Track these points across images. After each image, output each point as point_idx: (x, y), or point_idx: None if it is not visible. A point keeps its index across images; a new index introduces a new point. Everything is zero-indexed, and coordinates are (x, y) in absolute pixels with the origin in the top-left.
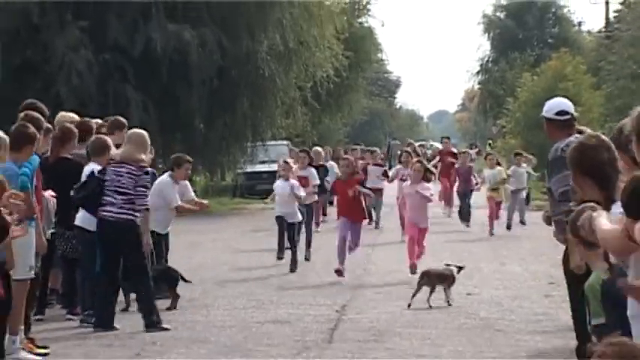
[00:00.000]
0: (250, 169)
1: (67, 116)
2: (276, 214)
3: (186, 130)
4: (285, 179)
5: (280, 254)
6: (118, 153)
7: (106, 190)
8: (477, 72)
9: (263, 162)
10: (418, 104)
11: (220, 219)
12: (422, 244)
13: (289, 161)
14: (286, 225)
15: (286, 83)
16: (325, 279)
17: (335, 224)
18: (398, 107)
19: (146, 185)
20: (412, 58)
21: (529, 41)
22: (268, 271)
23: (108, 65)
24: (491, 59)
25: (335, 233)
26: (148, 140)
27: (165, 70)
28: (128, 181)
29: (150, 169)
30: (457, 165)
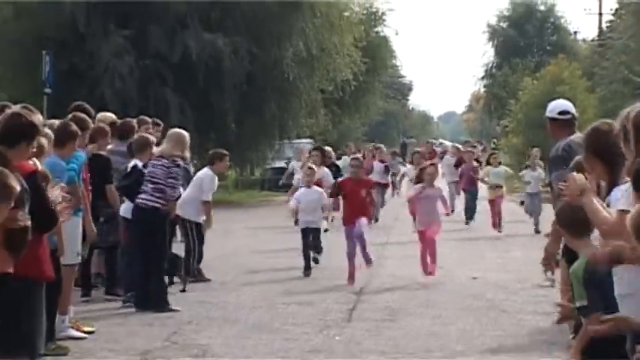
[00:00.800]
0: (277, 165)
1: (106, 116)
2: (301, 227)
3: (219, 130)
4: (308, 186)
5: (307, 271)
6: (159, 149)
7: (144, 181)
8: (482, 76)
9: (289, 158)
10: (429, 106)
11: (250, 209)
12: (434, 254)
13: (313, 167)
14: (311, 231)
15: (309, 87)
16: (345, 266)
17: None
18: (410, 108)
19: (176, 177)
20: (423, 64)
21: (529, 48)
22: (293, 259)
23: (148, 70)
24: (495, 65)
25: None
26: (187, 139)
27: (200, 76)
28: (161, 173)
29: (182, 163)
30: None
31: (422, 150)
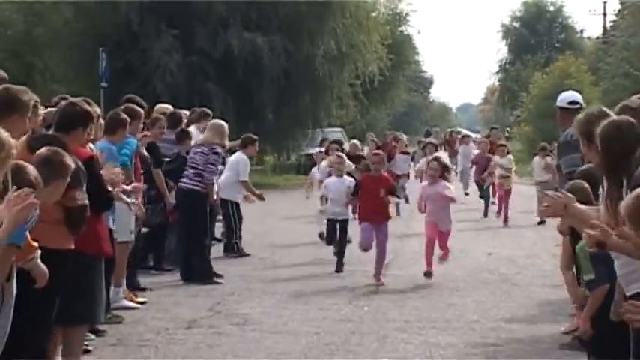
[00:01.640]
0: (310, 151)
1: (163, 107)
2: (329, 217)
3: (258, 120)
4: (338, 175)
5: (340, 267)
6: (201, 137)
7: (186, 167)
8: (497, 71)
9: (321, 145)
10: (448, 97)
11: (286, 192)
12: (445, 246)
13: (342, 155)
14: (339, 223)
15: (339, 81)
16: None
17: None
18: (431, 100)
19: (214, 163)
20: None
21: (540, 46)
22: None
23: (194, 66)
24: (508, 61)
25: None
26: (226, 130)
27: (240, 71)
28: (200, 159)
29: (220, 151)
30: (475, 153)
31: (434, 141)
